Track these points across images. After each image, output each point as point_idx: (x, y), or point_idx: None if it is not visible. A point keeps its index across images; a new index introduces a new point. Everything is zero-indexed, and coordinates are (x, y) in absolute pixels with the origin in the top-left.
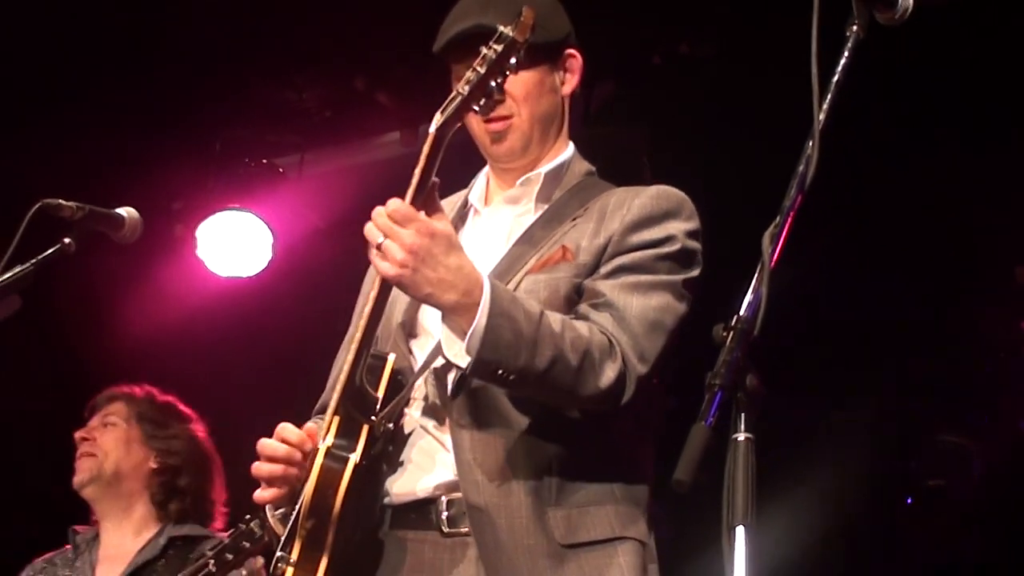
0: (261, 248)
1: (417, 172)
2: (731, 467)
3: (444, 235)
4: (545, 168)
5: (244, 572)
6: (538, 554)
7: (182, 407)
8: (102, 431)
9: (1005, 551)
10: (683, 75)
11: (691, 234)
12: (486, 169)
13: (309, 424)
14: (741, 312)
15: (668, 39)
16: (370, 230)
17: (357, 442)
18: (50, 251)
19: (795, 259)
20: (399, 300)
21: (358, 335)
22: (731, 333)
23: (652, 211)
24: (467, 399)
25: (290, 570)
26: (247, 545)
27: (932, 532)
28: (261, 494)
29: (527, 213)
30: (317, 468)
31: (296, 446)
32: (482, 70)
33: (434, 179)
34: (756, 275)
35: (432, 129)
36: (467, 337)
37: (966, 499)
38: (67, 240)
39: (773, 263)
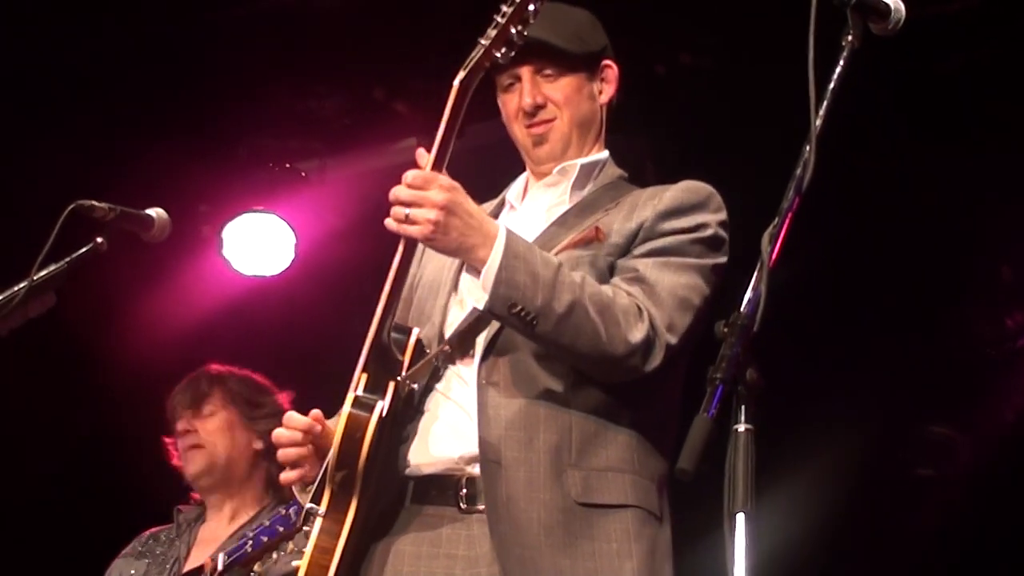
0: (284, 248)
1: (442, 127)
2: (732, 457)
3: (459, 187)
4: (581, 160)
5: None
6: (552, 507)
7: (261, 379)
8: (202, 421)
9: (992, 539)
10: (685, 84)
11: (721, 223)
12: (525, 173)
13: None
14: (741, 309)
15: (670, 49)
16: (396, 211)
17: (384, 395)
18: (83, 250)
19: (791, 257)
20: (438, 285)
21: (383, 297)
22: (731, 329)
23: (683, 202)
24: (496, 359)
25: (320, 520)
26: (281, 529)
27: (920, 520)
28: (287, 475)
29: (561, 204)
30: (345, 416)
31: (307, 428)
32: (503, 19)
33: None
34: (755, 273)
35: (456, 81)
36: (483, 273)
37: (953, 488)
38: (99, 239)
39: (772, 262)
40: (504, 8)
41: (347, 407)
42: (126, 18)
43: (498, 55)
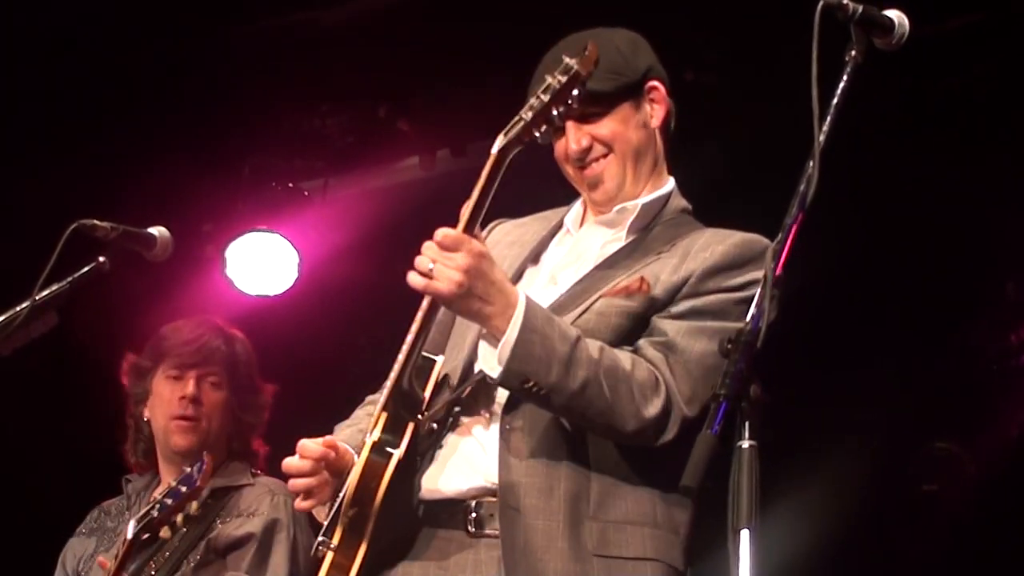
0: (287, 268)
1: (477, 190)
2: (736, 473)
3: (488, 254)
4: (643, 200)
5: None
6: (569, 558)
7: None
8: (208, 394)
9: (997, 555)
10: (689, 100)
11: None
12: (582, 197)
13: (346, 429)
14: (745, 323)
15: (673, 66)
16: (420, 261)
17: (402, 438)
18: (85, 269)
19: (795, 273)
20: None
21: (408, 340)
22: (735, 345)
23: (735, 258)
24: (520, 406)
25: (330, 554)
26: (184, 490)
27: (926, 536)
28: (302, 504)
29: (617, 240)
30: (363, 461)
31: (321, 457)
32: (546, 98)
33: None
34: (759, 289)
35: (494, 150)
36: (499, 346)
37: (959, 504)
38: (102, 259)
39: (776, 277)
40: (549, 80)
41: (365, 452)
42: (130, 37)
43: (537, 135)
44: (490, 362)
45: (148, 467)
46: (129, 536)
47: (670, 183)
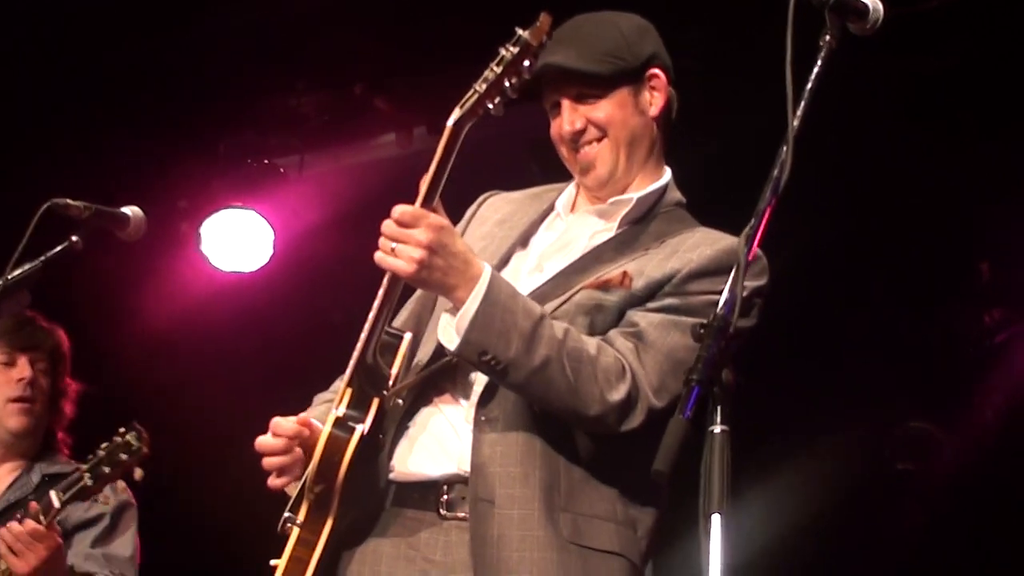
0: (262, 244)
1: (433, 164)
2: (707, 458)
3: (450, 227)
4: (638, 194)
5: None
6: (547, 546)
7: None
8: (38, 381)
9: (972, 532)
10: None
11: (757, 291)
12: (574, 181)
13: (303, 414)
14: (717, 310)
15: None
16: (383, 242)
17: (367, 414)
18: (58, 248)
19: (772, 255)
20: None
21: (371, 315)
22: (707, 330)
23: (720, 264)
24: (496, 397)
25: (296, 530)
26: (124, 457)
27: (902, 514)
28: (275, 482)
29: (607, 232)
30: (325, 436)
31: (294, 435)
32: (498, 70)
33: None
34: (732, 275)
35: (450, 123)
36: (457, 316)
37: (934, 483)
38: (75, 238)
39: (748, 262)
40: (502, 52)
41: (328, 427)
42: (103, 16)
43: (491, 106)
44: (448, 334)
45: None
46: (57, 505)
47: (666, 175)
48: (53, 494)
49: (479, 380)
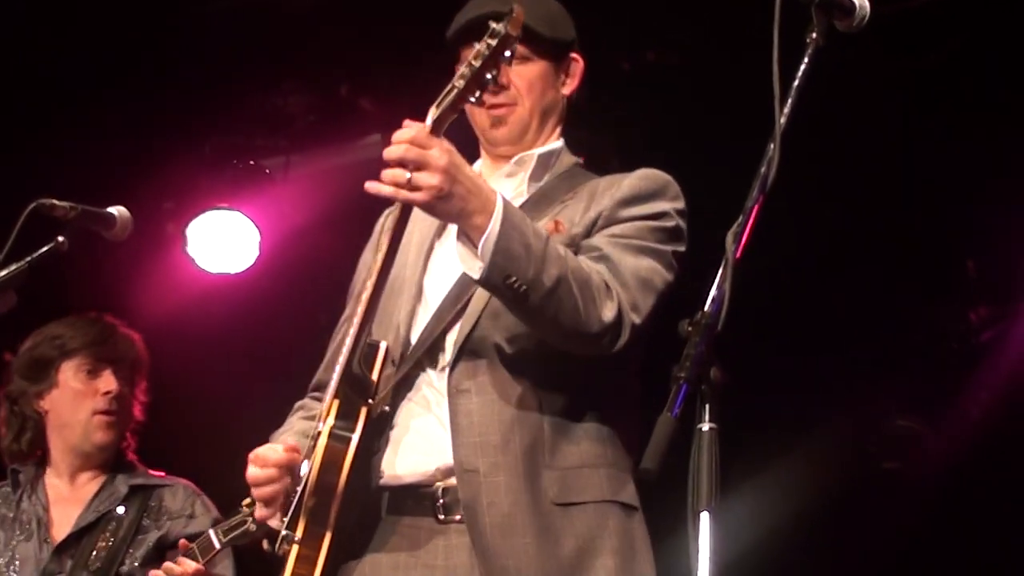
0: (248, 246)
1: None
2: (696, 455)
3: (455, 150)
4: (539, 150)
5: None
6: (534, 510)
7: None
8: (121, 392)
9: (957, 532)
10: (651, 81)
11: (679, 212)
12: (480, 159)
13: (284, 435)
14: (705, 307)
15: (636, 46)
16: (393, 173)
17: (356, 423)
18: (44, 249)
19: (757, 253)
20: (400, 288)
21: (356, 321)
22: (695, 328)
23: (642, 189)
24: (465, 366)
25: (295, 548)
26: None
27: (887, 513)
28: (263, 513)
29: (520, 195)
30: (321, 448)
31: (285, 463)
32: (477, 64)
33: None
34: (720, 271)
35: (428, 122)
36: (481, 242)
37: (920, 481)
38: (60, 239)
39: (736, 260)
40: (479, 46)
41: (324, 440)
42: (90, 15)
43: (472, 99)
44: (469, 262)
45: (30, 457)
46: (218, 546)
47: (561, 141)
48: (213, 534)
49: (448, 356)
